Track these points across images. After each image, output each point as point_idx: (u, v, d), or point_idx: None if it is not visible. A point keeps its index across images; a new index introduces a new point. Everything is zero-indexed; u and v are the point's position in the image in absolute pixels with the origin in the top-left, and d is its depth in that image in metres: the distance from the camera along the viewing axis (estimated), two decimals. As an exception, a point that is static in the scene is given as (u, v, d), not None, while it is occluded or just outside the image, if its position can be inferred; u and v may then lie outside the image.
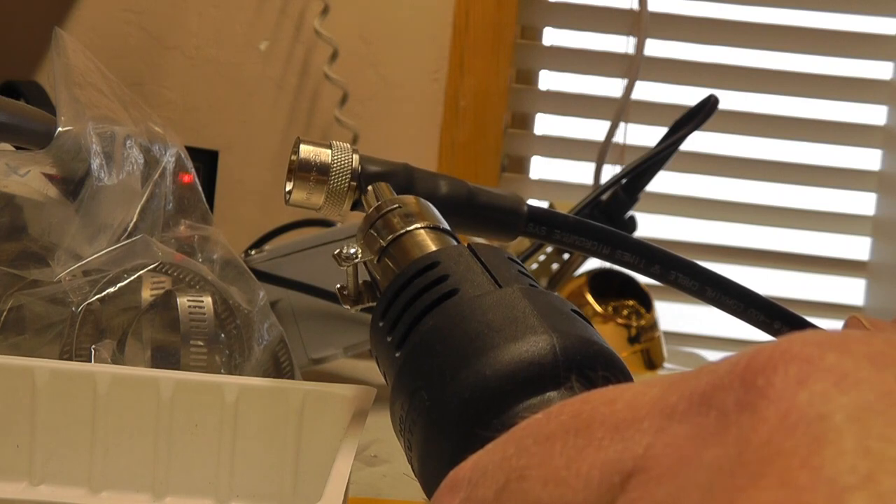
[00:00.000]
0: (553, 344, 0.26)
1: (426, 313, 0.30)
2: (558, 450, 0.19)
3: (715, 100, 0.67)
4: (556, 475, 0.18)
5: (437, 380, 0.27)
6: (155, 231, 0.50)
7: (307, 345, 0.65)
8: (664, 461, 0.17)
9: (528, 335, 0.26)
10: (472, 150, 1.21)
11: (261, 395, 0.43)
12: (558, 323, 0.27)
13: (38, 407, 0.42)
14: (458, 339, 0.27)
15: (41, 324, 0.46)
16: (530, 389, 0.25)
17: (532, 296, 0.28)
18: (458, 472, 0.21)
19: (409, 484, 0.53)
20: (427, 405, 0.27)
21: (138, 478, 0.42)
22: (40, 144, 0.49)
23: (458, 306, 0.29)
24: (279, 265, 0.65)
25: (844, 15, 1.25)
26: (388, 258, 0.35)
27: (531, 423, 0.20)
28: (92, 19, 1.19)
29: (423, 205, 0.37)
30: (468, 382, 0.26)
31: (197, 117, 1.19)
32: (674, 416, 0.17)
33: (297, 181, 0.41)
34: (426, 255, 0.33)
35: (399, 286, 0.31)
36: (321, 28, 1.14)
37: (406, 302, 0.31)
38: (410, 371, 0.28)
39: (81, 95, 0.50)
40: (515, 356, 0.26)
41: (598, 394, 0.19)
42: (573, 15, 1.26)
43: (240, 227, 1.12)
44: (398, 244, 0.35)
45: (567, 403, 0.20)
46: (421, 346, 0.29)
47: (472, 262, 0.31)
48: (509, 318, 0.27)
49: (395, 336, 0.30)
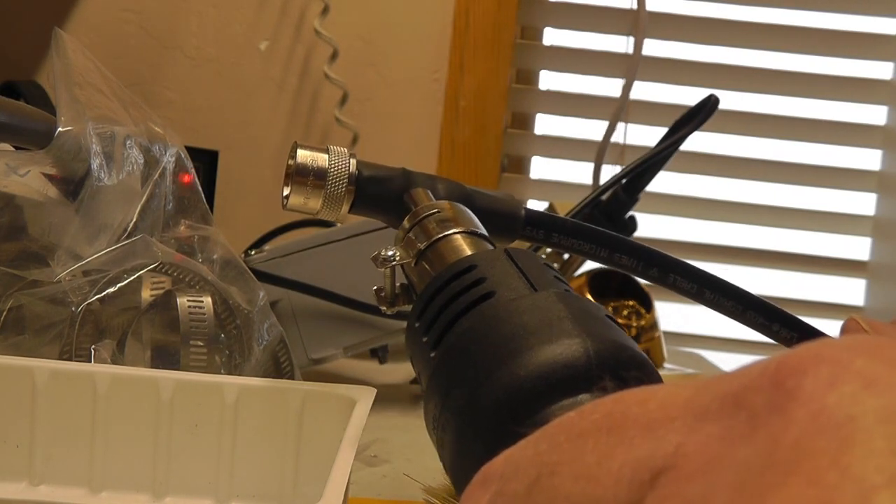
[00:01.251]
0: (587, 347, 0.26)
1: (462, 315, 0.30)
2: (590, 447, 0.19)
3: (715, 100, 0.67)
4: (587, 471, 0.19)
5: (472, 380, 0.27)
6: (155, 231, 0.50)
7: (307, 345, 0.65)
8: (695, 459, 0.17)
9: (563, 338, 0.26)
10: (472, 150, 1.21)
11: (261, 396, 0.43)
12: (592, 327, 0.27)
13: (38, 407, 0.42)
14: (493, 340, 0.28)
15: (41, 324, 0.46)
16: (563, 391, 0.25)
17: (567, 300, 0.29)
18: (491, 466, 0.21)
19: (410, 484, 0.53)
20: (461, 405, 0.27)
21: (138, 478, 0.42)
22: (40, 144, 0.49)
23: (494, 309, 0.29)
24: (279, 265, 0.65)
25: (844, 15, 1.25)
26: (425, 261, 0.36)
27: (564, 421, 0.20)
28: (92, 19, 1.19)
29: (461, 210, 0.38)
30: (502, 383, 0.26)
31: (197, 117, 1.19)
32: (705, 417, 0.18)
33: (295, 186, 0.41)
34: (463, 258, 0.34)
35: (436, 288, 0.32)
36: (321, 28, 1.14)
37: (443, 304, 0.31)
38: (445, 371, 0.29)
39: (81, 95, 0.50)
40: (549, 358, 0.26)
41: (630, 394, 0.20)
42: (573, 15, 1.26)
43: (240, 227, 1.12)
44: (435, 248, 0.35)
45: (600, 402, 0.20)
46: (456, 347, 0.29)
47: (508, 266, 0.32)
48: (544, 322, 0.27)
49: (430, 337, 0.31)
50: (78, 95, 0.50)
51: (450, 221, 0.36)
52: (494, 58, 1.21)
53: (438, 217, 0.37)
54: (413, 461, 0.58)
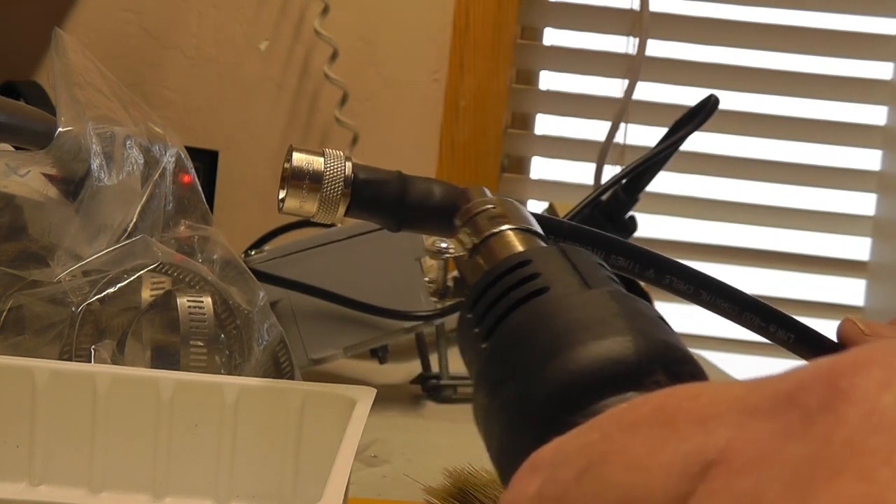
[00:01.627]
0: (638, 346, 0.27)
1: (515, 308, 0.30)
2: (641, 438, 0.19)
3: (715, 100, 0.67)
4: (637, 462, 0.19)
5: (523, 372, 0.28)
6: (155, 231, 0.50)
7: (307, 345, 0.65)
8: (746, 454, 0.17)
9: (615, 335, 0.27)
10: (472, 150, 1.21)
11: (261, 396, 0.43)
12: (645, 327, 0.28)
13: (38, 407, 0.42)
14: (545, 335, 0.28)
15: (41, 324, 0.46)
16: (612, 388, 0.26)
17: (620, 299, 0.29)
18: (540, 454, 0.21)
19: (410, 484, 0.53)
20: (511, 396, 0.28)
21: (138, 478, 0.42)
22: (40, 145, 0.49)
23: (547, 303, 0.30)
24: (279, 265, 0.65)
25: (844, 15, 1.25)
26: (479, 256, 0.36)
27: (615, 412, 0.21)
28: (92, 19, 1.19)
29: (515, 207, 0.38)
30: (553, 377, 0.27)
31: (197, 117, 1.19)
32: (756, 414, 0.18)
33: (291, 189, 0.41)
34: (519, 252, 0.34)
35: (490, 280, 0.32)
36: (321, 28, 1.14)
37: (496, 296, 0.31)
38: (496, 363, 0.29)
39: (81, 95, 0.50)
40: (600, 354, 0.26)
41: (681, 389, 0.20)
42: (573, 15, 1.26)
43: (240, 228, 1.12)
44: (489, 243, 0.36)
45: (651, 396, 0.20)
46: (508, 339, 0.30)
47: (562, 262, 0.32)
48: (597, 318, 0.28)
49: (482, 328, 0.31)
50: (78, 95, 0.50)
51: (504, 217, 0.37)
52: (494, 58, 1.21)
53: (493, 213, 0.38)
54: (413, 461, 0.58)
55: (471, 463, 0.53)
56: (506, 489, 0.22)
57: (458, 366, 0.85)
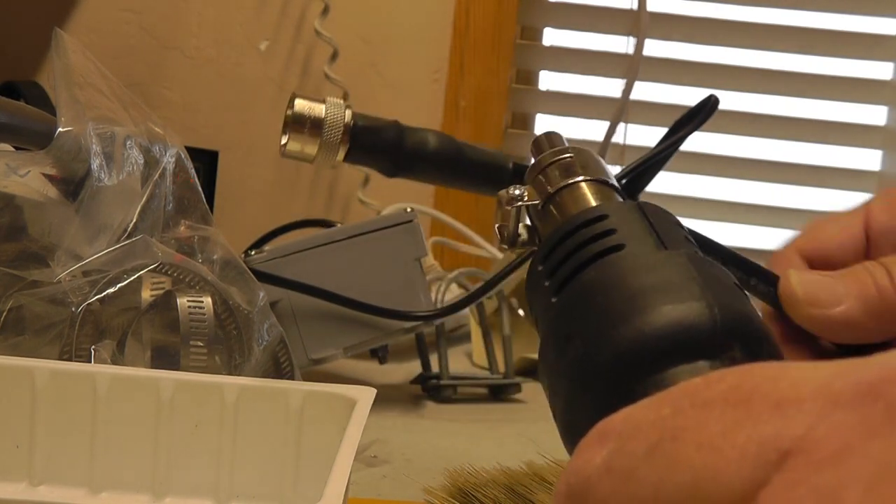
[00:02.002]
0: (714, 314, 0.26)
1: (589, 264, 0.30)
2: (715, 417, 0.18)
3: (715, 100, 0.67)
4: (710, 441, 0.18)
5: (594, 330, 0.27)
6: (155, 231, 0.50)
7: (307, 345, 0.65)
8: (827, 446, 0.16)
9: (691, 301, 0.26)
10: (472, 150, 1.21)
11: (261, 396, 0.43)
12: (721, 294, 0.27)
13: (38, 407, 0.42)
14: (618, 293, 0.27)
15: (41, 324, 0.46)
16: (683, 355, 0.25)
17: (697, 263, 0.28)
18: (609, 423, 0.21)
19: (409, 484, 0.53)
20: (579, 354, 0.27)
21: (138, 478, 0.42)
22: (40, 145, 0.49)
23: (622, 262, 0.29)
24: (279, 266, 0.65)
25: (844, 15, 1.25)
26: (553, 206, 0.35)
27: (689, 386, 0.20)
28: (92, 19, 1.19)
29: (593, 158, 0.37)
30: (624, 338, 0.26)
31: (197, 117, 1.19)
32: (839, 403, 0.17)
33: (292, 134, 0.42)
34: (595, 206, 0.33)
35: (565, 233, 0.31)
36: (321, 28, 1.14)
37: (570, 250, 0.31)
38: (567, 318, 0.29)
39: (81, 96, 0.50)
40: (674, 319, 0.26)
41: (760, 368, 0.19)
42: (573, 15, 1.26)
43: (240, 228, 1.12)
44: (565, 193, 0.35)
45: (727, 373, 0.19)
46: (580, 296, 0.29)
47: (640, 220, 0.31)
48: (672, 282, 0.27)
49: (553, 282, 0.30)
50: (78, 96, 0.50)
51: (582, 167, 0.36)
52: (494, 58, 1.21)
53: (570, 161, 0.36)
54: (413, 461, 0.58)
55: (471, 463, 0.53)
56: (572, 455, 0.21)
57: (458, 366, 0.85)
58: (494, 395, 0.76)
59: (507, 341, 0.77)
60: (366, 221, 0.68)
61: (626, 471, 0.19)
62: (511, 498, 0.48)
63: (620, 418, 0.20)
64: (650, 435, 0.19)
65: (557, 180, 0.35)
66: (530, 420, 0.71)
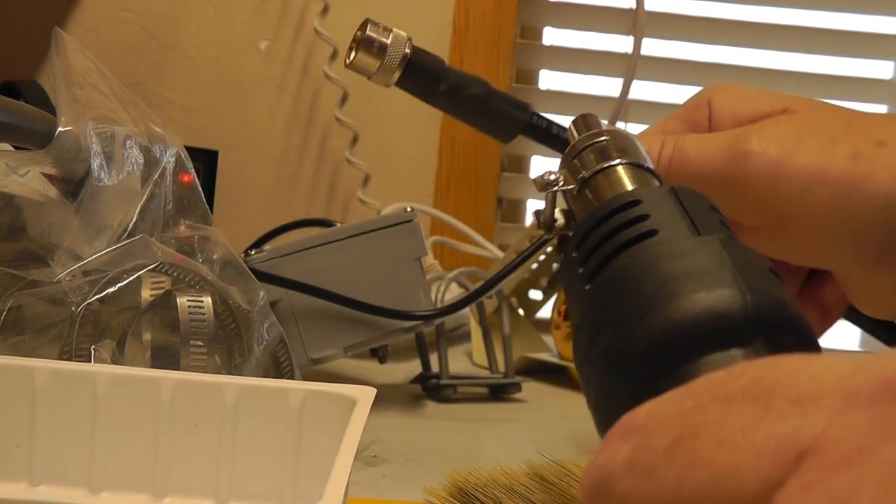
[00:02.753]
0: (746, 301, 0.26)
1: (621, 250, 0.29)
2: (735, 413, 0.18)
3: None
4: (730, 438, 0.18)
5: (626, 318, 0.27)
6: (155, 231, 0.50)
7: (307, 345, 0.65)
8: (843, 448, 0.16)
9: (723, 287, 0.26)
10: (472, 149, 1.21)
11: (261, 396, 0.43)
12: (754, 280, 0.26)
13: (38, 407, 0.42)
14: (651, 280, 0.27)
15: (41, 324, 0.46)
16: (717, 342, 0.25)
17: (731, 248, 0.28)
18: (633, 417, 0.21)
19: (410, 484, 0.53)
20: (612, 342, 0.27)
21: (138, 478, 0.42)
22: (40, 144, 0.49)
23: (654, 248, 0.29)
24: (279, 265, 0.65)
25: (845, 14, 1.25)
26: (588, 190, 0.35)
27: (711, 381, 0.20)
28: (92, 19, 1.19)
29: (630, 141, 0.37)
30: (657, 325, 0.26)
31: (197, 117, 1.19)
32: (856, 401, 0.17)
33: (360, 51, 0.49)
34: (629, 191, 0.33)
35: (598, 219, 0.31)
36: (321, 28, 1.14)
37: (603, 236, 0.31)
38: (599, 306, 0.29)
39: (81, 95, 0.50)
40: (707, 306, 0.26)
41: (782, 361, 0.19)
42: (572, 14, 1.26)
43: (240, 227, 1.12)
44: (601, 177, 0.35)
45: (750, 366, 0.19)
46: (613, 283, 0.29)
47: (673, 205, 0.31)
48: (705, 268, 0.27)
49: (587, 269, 0.30)
50: (78, 95, 0.50)
51: (618, 150, 0.36)
52: (494, 58, 1.21)
53: (605, 145, 0.36)
54: (413, 461, 0.58)
55: (471, 463, 0.53)
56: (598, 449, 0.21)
57: (458, 365, 0.85)
58: (494, 394, 0.76)
59: (507, 341, 0.77)
60: (366, 221, 0.68)
61: (648, 467, 0.19)
62: (511, 498, 0.48)
63: (644, 412, 0.20)
64: (671, 430, 0.19)
65: (593, 164, 0.35)
66: (530, 420, 0.71)
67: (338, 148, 1.19)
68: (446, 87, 0.45)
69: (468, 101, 0.44)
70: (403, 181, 1.21)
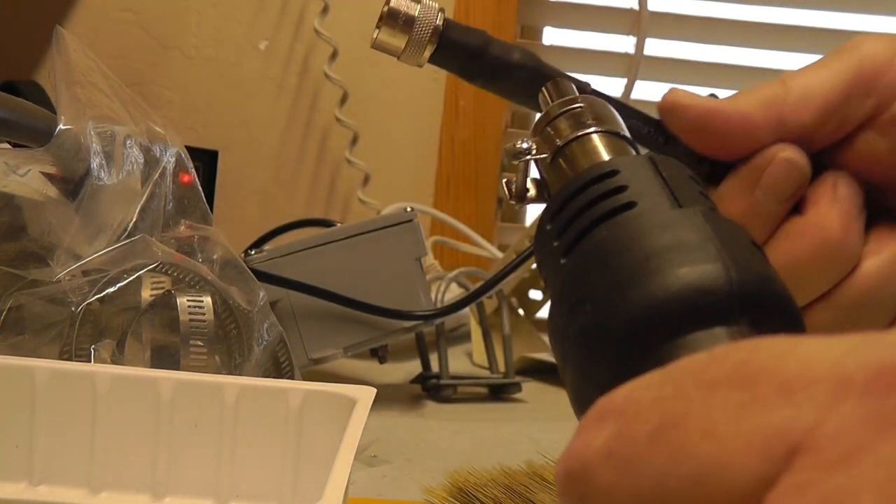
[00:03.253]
0: (730, 276, 0.24)
1: (599, 223, 0.28)
2: (719, 401, 0.17)
3: (715, 100, 0.67)
4: (714, 429, 0.17)
5: (604, 295, 0.26)
6: (155, 231, 0.50)
7: (307, 345, 0.65)
8: (838, 445, 0.15)
9: (706, 262, 0.25)
10: (472, 148, 1.21)
11: (261, 396, 0.43)
12: (738, 255, 0.25)
13: (38, 407, 0.42)
14: (630, 255, 0.26)
15: (41, 324, 0.46)
16: (699, 320, 0.24)
17: (713, 220, 0.27)
18: (610, 401, 0.19)
19: (410, 484, 0.53)
20: (590, 320, 0.26)
21: (138, 478, 0.42)
22: (40, 142, 0.49)
23: (634, 221, 0.27)
24: (279, 265, 0.65)
25: (846, 14, 1.25)
26: (562, 159, 0.33)
27: (693, 365, 0.18)
28: (92, 19, 1.19)
29: (605, 108, 0.35)
30: (638, 301, 0.25)
31: (197, 117, 1.19)
32: (849, 390, 0.16)
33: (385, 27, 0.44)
34: (605, 161, 0.32)
35: (574, 190, 0.30)
36: (321, 28, 1.14)
37: (579, 208, 0.29)
38: (576, 281, 0.27)
39: (82, 94, 0.50)
40: (690, 282, 0.24)
41: (768, 344, 0.18)
42: (573, 14, 1.26)
43: (240, 227, 1.12)
44: (575, 146, 0.33)
45: (733, 348, 0.18)
46: (590, 257, 0.28)
47: (652, 176, 0.30)
48: (687, 242, 0.26)
49: (562, 242, 0.29)
50: (78, 94, 0.50)
51: (593, 119, 0.34)
52: (494, 57, 1.21)
53: (580, 112, 0.35)
54: (413, 461, 0.58)
55: (471, 462, 0.53)
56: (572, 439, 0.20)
57: (458, 365, 0.85)
58: (494, 394, 0.76)
59: (507, 341, 0.77)
60: (366, 221, 0.68)
61: (627, 458, 0.18)
62: (511, 497, 0.48)
63: (622, 396, 0.19)
64: (651, 418, 0.18)
65: (566, 132, 0.34)
66: (530, 419, 0.71)
67: (338, 148, 1.19)
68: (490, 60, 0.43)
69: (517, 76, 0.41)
70: (403, 181, 1.21)
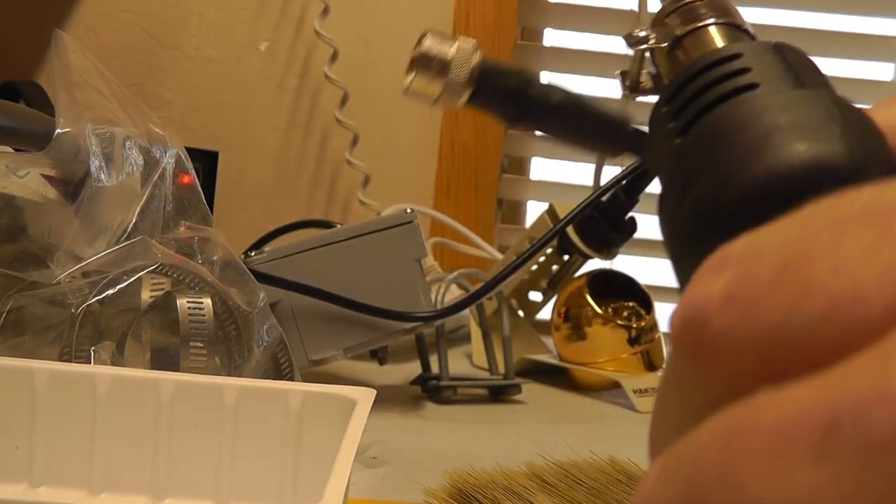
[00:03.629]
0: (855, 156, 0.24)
1: (720, 102, 0.28)
2: (851, 236, 0.16)
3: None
4: (847, 263, 0.16)
5: (721, 169, 0.25)
6: (154, 232, 0.50)
7: (307, 346, 0.65)
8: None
9: (831, 142, 0.24)
10: (472, 150, 1.21)
11: (260, 397, 0.43)
12: (863, 137, 0.25)
13: (38, 408, 0.42)
14: (751, 132, 0.26)
15: (41, 325, 0.46)
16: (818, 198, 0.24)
17: (839, 102, 0.26)
18: (729, 248, 0.18)
19: (409, 485, 0.53)
20: (703, 196, 0.25)
21: (138, 479, 0.42)
22: (39, 146, 0.49)
23: (755, 100, 0.27)
24: (279, 266, 0.65)
25: (845, 16, 1.25)
26: (680, 49, 0.33)
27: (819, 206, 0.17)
28: (92, 20, 1.19)
29: (726, 2, 0.35)
30: (755, 175, 0.24)
31: (197, 118, 1.19)
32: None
33: (419, 72, 0.42)
34: (728, 45, 0.31)
35: (695, 71, 0.29)
36: (321, 28, 1.14)
37: (699, 88, 0.29)
38: (692, 159, 0.27)
39: (81, 97, 0.50)
40: (812, 157, 0.24)
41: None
42: (573, 16, 1.26)
43: (240, 229, 1.12)
44: (694, 36, 0.33)
45: (861, 191, 0.17)
46: (709, 135, 0.27)
47: (776, 59, 0.29)
48: (811, 120, 0.25)
49: (679, 122, 0.29)
50: (77, 97, 0.50)
51: (713, 11, 0.34)
52: (494, 58, 1.21)
53: (700, 4, 0.34)
54: (413, 462, 0.58)
55: (470, 464, 0.53)
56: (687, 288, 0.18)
57: (458, 367, 0.85)
58: (494, 395, 0.76)
59: (507, 342, 0.77)
60: (366, 222, 0.68)
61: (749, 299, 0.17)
62: (511, 499, 0.48)
63: (741, 242, 0.18)
64: (776, 258, 0.17)
65: (686, 23, 0.34)
66: (530, 421, 0.71)
67: (338, 149, 1.19)
68: (533, 99, 0.39)
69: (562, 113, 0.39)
70: (403, 182, 1.21)
